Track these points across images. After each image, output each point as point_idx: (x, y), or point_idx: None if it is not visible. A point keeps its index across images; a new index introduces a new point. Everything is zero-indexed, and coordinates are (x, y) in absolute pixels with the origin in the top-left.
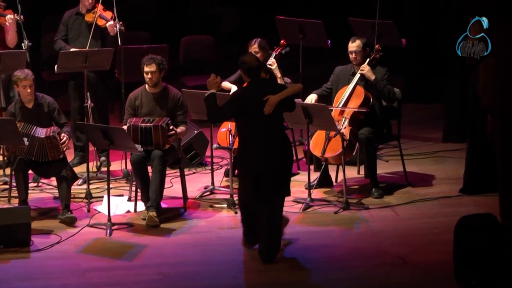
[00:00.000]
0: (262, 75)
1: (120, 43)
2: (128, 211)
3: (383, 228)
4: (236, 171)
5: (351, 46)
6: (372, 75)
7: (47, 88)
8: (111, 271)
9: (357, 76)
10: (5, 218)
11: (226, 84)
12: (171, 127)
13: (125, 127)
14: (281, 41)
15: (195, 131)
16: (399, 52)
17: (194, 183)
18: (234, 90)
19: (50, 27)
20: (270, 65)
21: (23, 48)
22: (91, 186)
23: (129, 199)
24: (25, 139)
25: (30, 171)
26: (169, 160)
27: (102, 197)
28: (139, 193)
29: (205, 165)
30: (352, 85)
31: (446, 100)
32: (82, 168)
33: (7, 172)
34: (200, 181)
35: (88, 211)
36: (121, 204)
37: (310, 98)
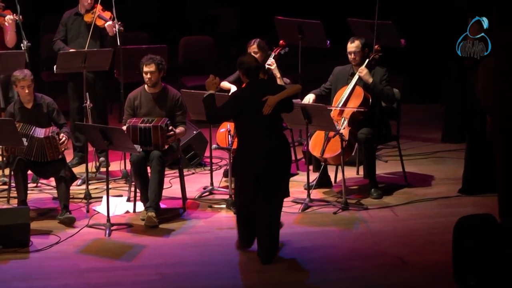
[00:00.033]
0: (261, 76)
1: (119, 44)
2: (127, 212)
3: (382, 229)
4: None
5: (350, 47)
6: (370, 78)
7: (46, 88)
8: (110, 272)
9: (356, 76)
10: (4, 218)
11: (225, 84)
12: (170, 127)
13: (124, 127)
14: (280, 42)
15: (194, 132)
16: (398, 53)
17: (193, 183)
18: (234, 90)
19: (49, 27)
20: (269, 65)
21: (22, 48)
22: (90, 187)
23: (128, 200)
24: (24, 140)
25: (29, 172)
26: (168, 160)
27: (101, 197)
28: (138, 194)
29: (204, 165)
30: (351, 86)
31: (446, 100)
32: (81, 169)
33: (6, 172)
34: (199, 182)
35: (87, 211)
36: (120, 205)
37: (308, 98)
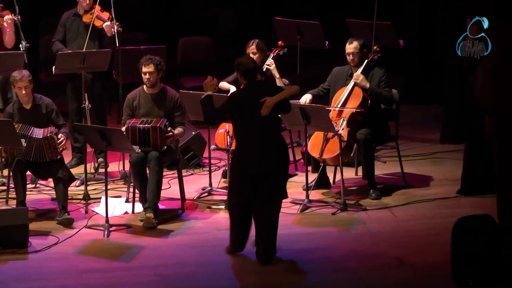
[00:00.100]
0: (258, 77)
1: (117, 44)
2: (126, 213)
3: (380, 229)
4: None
5: (348, 48)
6: (367, 83)
7: (45, 89)
8: (109, 272)
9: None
10: (3, 219)
11: (224, 84)
12: (169, 128)
13: (123, 128)
14: (279, 42)
15: (193, 132)
16: (397, 53)
17: (192, 184)
18: (233, 90)
19: (48, 28)
20: (268, 66)
21: (21, 49)
22: (89, 188)
23: (127, 201)
24: (23, 141)
25: (28, 173)
26: (166, 161)
27: (100, 198)
28: (137, 194)
29: (203, 166)
30: (350, 87)
31: (444, 101)
32: (80, 170)
33: (5, 173)
34: (198, 182)
35: (86, 212)
36: (119, 206)
37: (305, 98)
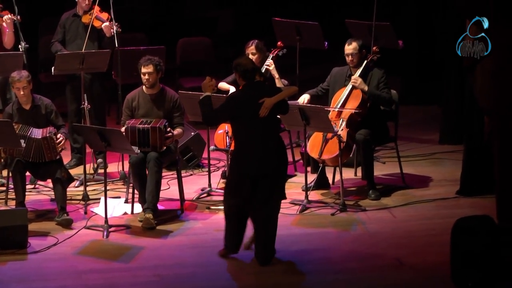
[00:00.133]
0: (257, 78)
1: (116, 45)
2: (125, 213)
3: (380, 230)
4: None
5: (347, 49)
6: (365, 87)
7: (44, 90)
8: (108, 273)
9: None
10: (2, 220)
11: (224, 85)
12: (169, 129)
13: (123, 129)
14: (278, 43)
15: (192, 133)
16: (396, 54)
17: (191, 185)
18: (233, 90)
19: (47, 29)
20: (268, 66)
21: (20, 50)
22: (88, 188)
23: (126, 201)
24: (22, 141)
25: (27, 173)
26: (165, 161)
27: (99, 199)
28: (136, 195)
29: (202, 167)
30: (349, 87)
31: (444, 102)
32: (79, 170)
33: (4, 174)
34: (197, 183)
35: (85, 213)
36: (118, 206)
37: (303, 98)
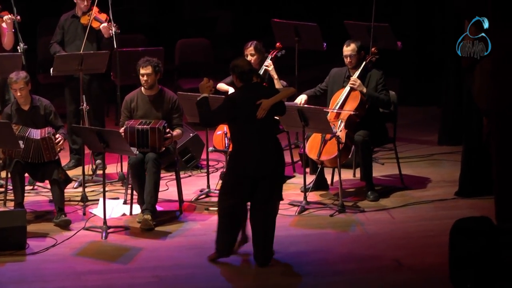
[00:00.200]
0: (254, 79)
1: (115, 46)
2: (124, 214)
3: (378, 231)
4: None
5: (345, 50)
6: (364, 88)
7: (43, 91)
8: (107, 274)
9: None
10: (1, 221)
11: (222, 86)
12: (167, 130)
13: (122, 129)
14: (277, 44)
15: (191, 134)
16: (395, 55)
17: (189, 186)
18: (231, 91)
19: (45, 30)
20: (267, 66)
21: (19, 51)
22: (86, 189)
23: (125, 202)
24: (21, 142)
25: (26, 174)
26: (163, 162)
27: (98, 200)
28: (134, 196)
29: (201, 168)
30: (348, 88)
31: (442, 103)
32: (78, 171)
33: (3, 175)
34: (195, 184)
35: (84, 214)
36: (116, 207)
37: (300, 99)
